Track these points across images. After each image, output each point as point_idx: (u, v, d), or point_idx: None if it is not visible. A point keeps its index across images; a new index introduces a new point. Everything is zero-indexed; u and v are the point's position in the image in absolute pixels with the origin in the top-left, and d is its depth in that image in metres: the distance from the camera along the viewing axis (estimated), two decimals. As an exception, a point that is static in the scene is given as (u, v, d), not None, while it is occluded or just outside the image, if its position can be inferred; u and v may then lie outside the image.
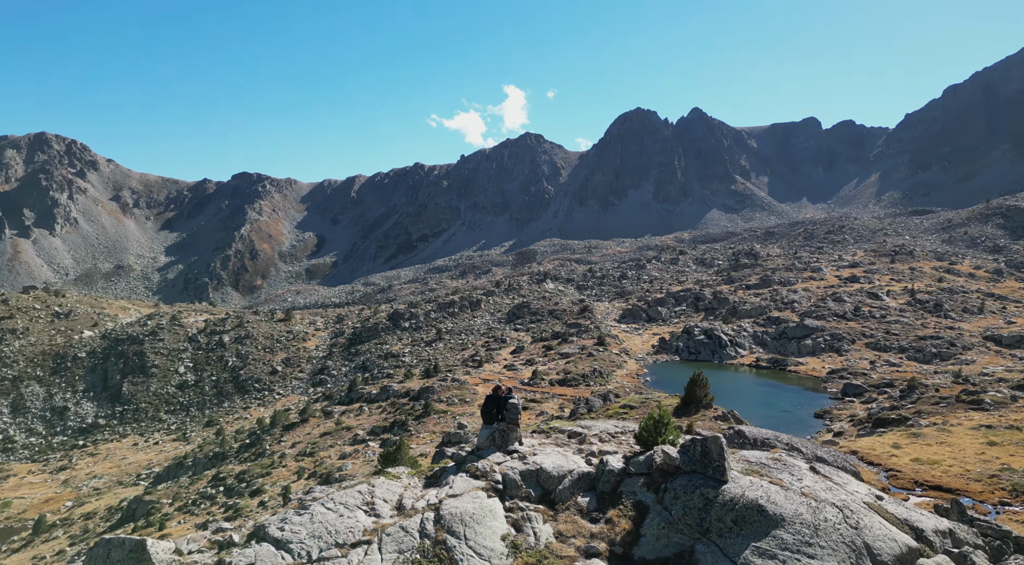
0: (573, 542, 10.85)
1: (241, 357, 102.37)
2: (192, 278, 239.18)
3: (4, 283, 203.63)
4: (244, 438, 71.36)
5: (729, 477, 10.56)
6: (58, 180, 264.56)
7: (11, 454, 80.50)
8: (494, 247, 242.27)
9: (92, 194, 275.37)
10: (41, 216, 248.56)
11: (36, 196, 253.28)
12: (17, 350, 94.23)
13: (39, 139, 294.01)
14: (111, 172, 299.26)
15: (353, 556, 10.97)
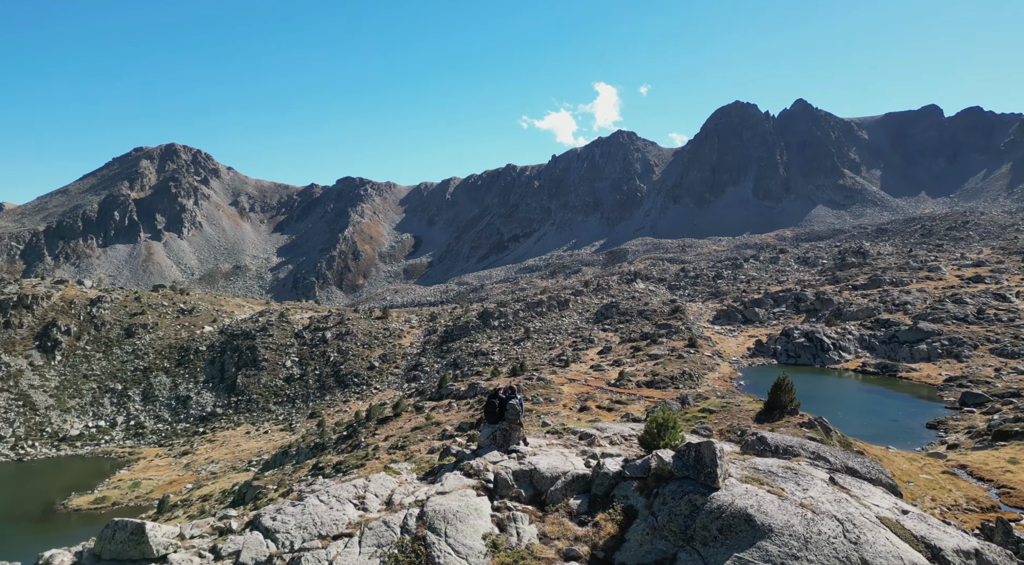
0: (555, 544, 10.73)
1: (341, 353, 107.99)
2: (300, 277, 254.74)
3: (139, 282, 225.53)
4: (342, 430, 75.34)
5: (722, 484, 10.22)
6: (185, 187, 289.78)
7: (141, 439, 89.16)
8: (584, 246, 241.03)
9: (214, 200, 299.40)
10: (171, 220, 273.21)
11: (166, 202, 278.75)
12: (148, 343, 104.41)
13: (169, 150, 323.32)
14: (230, 179, 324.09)
15: (333, 548, 11.30)
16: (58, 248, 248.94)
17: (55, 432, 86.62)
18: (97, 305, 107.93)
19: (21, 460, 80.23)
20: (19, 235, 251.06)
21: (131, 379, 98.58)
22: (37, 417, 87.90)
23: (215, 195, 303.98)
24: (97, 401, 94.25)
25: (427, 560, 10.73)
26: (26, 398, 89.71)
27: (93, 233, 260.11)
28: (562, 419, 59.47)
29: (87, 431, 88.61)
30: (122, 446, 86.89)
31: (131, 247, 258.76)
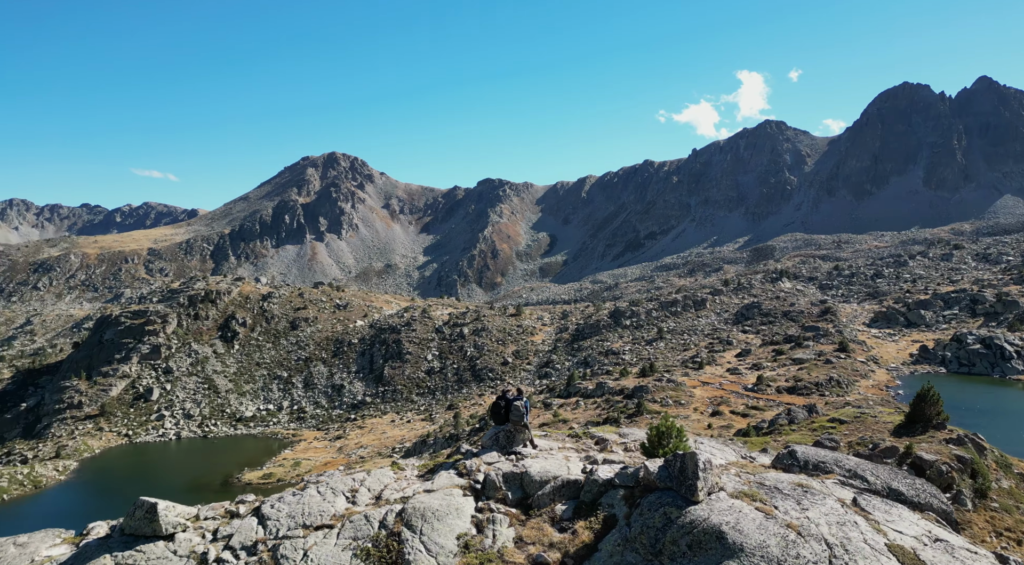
0: (529, 549, 10.61)
1: (478, 348, 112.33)
2: (444, 275, 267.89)
3: (305, 279, 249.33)
4: (475, 422, 78.62)
5: (703, 498, 9.71)
6: (344, 192, 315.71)
7: (303, 422, 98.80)
8: (726, 243, 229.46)
9: (369, 203, 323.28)
10: (332, 223, 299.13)
11: (328, 206, 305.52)
12: (308, 336, 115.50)
13: (331, 158, 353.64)
14: (383, 183, 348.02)
15: (312, 538, 11.68)
16: (240, 249, 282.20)
17: (233, 413, 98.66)
18: (268, 300, 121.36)
19: (206, 437, 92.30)
20: (209, 238, 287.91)
21: (295, 368, 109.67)
22: (219, 399, 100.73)
23: (369, 199, 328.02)
24: (267, 387, 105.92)
25: (398, 556, 10.85)
26: (211, 382, 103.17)
27: (268, 235, 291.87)
28: (691, 422, 57.87)
29: (258, 413, 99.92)
30: (286, 428, 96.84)
31: (298, 247, 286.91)
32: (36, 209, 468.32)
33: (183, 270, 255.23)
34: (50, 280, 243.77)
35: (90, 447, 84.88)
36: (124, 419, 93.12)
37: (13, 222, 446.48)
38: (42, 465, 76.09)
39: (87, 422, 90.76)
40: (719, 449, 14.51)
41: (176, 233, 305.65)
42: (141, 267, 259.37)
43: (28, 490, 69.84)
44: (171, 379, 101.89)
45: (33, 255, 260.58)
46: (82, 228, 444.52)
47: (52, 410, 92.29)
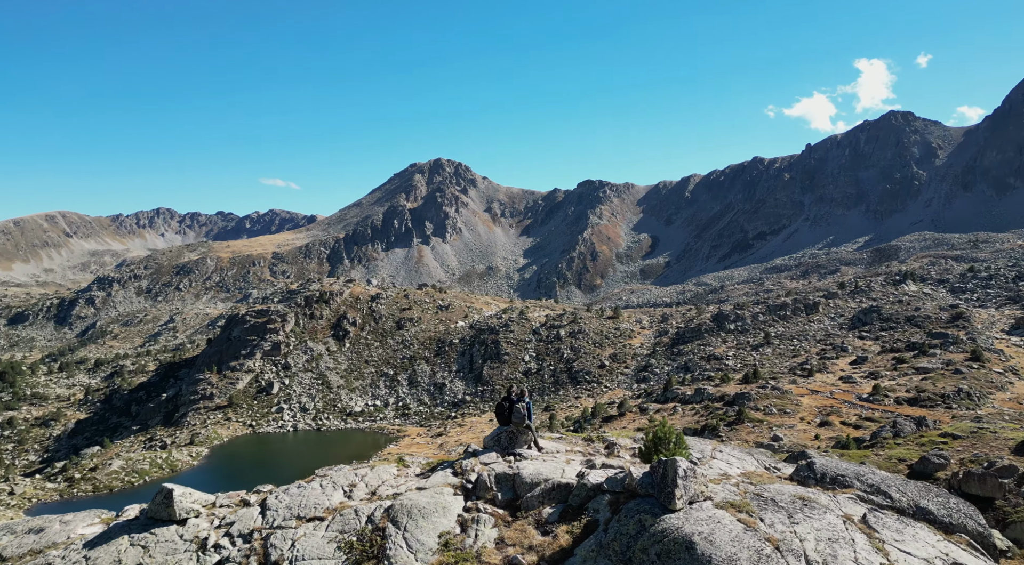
0: (507, 550, 10.57)
1: (574, 350, 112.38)
2: (543, 278, 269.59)
3: (412, 281, 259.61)
4: (570, 424, 78.83)
5: (681, 506, 9.32)
6: (448, 197, 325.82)
7: (407, 418, 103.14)
8: (844, 244, 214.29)
9: (472, 207, 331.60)
10: (436, 227, 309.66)
11: (433, 211, 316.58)
12: (413, 335, 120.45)
13: (436, 164, 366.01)
14: (485, 188, 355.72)
15: (303, 529, 11.97)
16: (353, 252, 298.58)
17: (344, 408, 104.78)
18: (376, 301, 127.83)
19: (320, 429, 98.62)
20: (326, 242, 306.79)
21: (400, 366, 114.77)
22: (331, 394, 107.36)
23: (472, 203, 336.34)
24: (375, 383, 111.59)
25: (379, 550, 10.99)
26: (324, 378, 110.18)
27: (378, 239, 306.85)
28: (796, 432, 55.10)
29: (367, 409, 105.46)
30: (392, 424, 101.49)
31: (406, 251, 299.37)
32: (179, 217, 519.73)
33: (303, 272, 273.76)
34: (190, 282, 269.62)
35: (219, 435, 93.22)
36: (248, 410, 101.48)
37: (160, 229, 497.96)
38: (178, 451, 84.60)
39: (217, 412, 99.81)
40: (738, 458, 13.94)
41: (297, 238, 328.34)
42: (266, 270, 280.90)
43: (166, 473, 77.84)
44: (289, 374, 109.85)
45: (176, 259, 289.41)
46: (217, 234, 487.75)
47: (188, 400, 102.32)
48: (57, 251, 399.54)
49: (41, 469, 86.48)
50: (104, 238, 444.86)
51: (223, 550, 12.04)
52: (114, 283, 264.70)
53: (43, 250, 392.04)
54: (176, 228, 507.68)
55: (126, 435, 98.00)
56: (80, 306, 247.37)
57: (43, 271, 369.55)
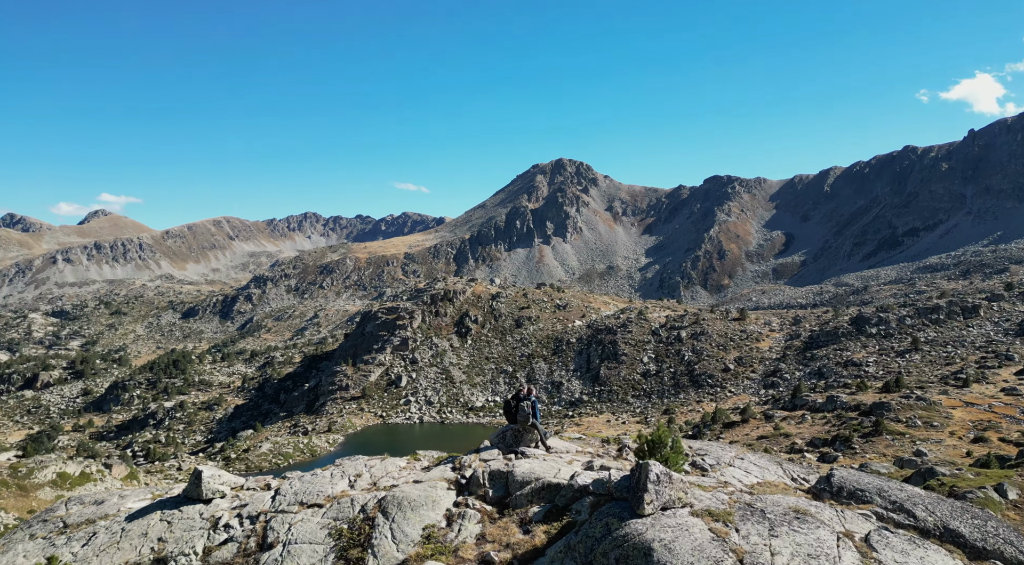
0: (484, 547, 10.57)
1: (696, 352, 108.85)
2: (666, 277, 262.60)
3: (533, 280, 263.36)
4: (689, 429, 76.69)
5: (650, 511, 8.89)
6: (569, 197, 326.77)
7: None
8: (1014, 240, 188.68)
9: (592, 206, 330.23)
10: (557, 227, 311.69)
11: (554, 211, 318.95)
12: (531, 334, 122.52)
13: (558, 164, 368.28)
14: (606, 186, 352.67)
15: (300, 515, 12.26)
16: (477, 252, 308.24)
17: (465, 402, 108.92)
18: (496, 300, 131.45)
19: (443, 423, 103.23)
20: (452, 242, 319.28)
21: (518, 363, 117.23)
22: (454, 389, 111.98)
23: (593, 202, 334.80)
24: (494, 380, 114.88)
25: (366, 539, 11.29)
26: (447, 373, 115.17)
27: (501, 239, 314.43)
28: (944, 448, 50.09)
29: (487, 404, 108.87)
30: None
31: (527, 251, 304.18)
32: (323, 220, 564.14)
33: (431, 271, 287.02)
34: (332, 280, 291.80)
35: (353, 424, 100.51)
36: (379, 402, 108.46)
37: (307, 232, 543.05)
38: (317, 437, 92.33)
39: (351, 403, 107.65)
40: (761, 467, 12.99)
41: (426, 239, 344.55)
42: (399, 269, 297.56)
43: (307, 457, 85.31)
44: (416, 369, 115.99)
45: (320, 259, 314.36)
46: (356, 236, 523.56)
47: (327, 391, 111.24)
48: (222, 252, 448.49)
49: (204, 448, 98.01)
50: (260, 240, 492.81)
51: (231, 530, 12.81)
52: (268, 282, 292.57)
53: (211, 251, 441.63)
54: (321, 231, 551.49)
55: (274, 420, 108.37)
56: (240, 302, 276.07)
57: (211, 270, 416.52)
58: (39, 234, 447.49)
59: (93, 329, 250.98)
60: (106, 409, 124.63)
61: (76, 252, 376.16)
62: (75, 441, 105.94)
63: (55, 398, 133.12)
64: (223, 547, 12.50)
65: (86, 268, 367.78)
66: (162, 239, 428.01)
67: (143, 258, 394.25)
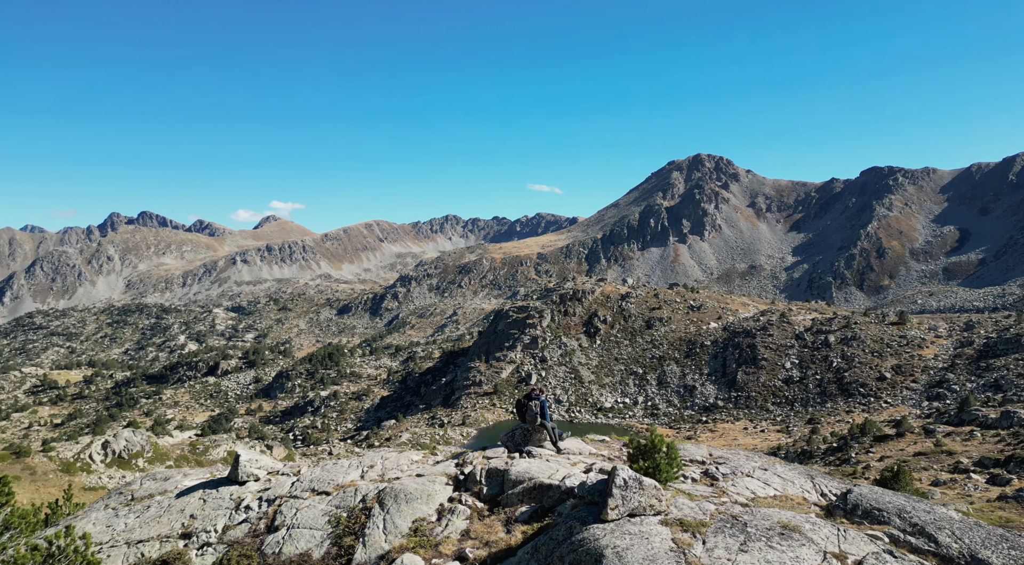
0: (466, 543, 10.45)
1: (846, 359, 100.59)
2: (816, 277, 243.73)
3: (668, 280, 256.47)
4: (834, 441, 71.22)
5: (613, 516, 8.55)
6: (707, 193, 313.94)
7: (656, 418, 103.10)
8: None
9: (733, 203, 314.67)
10: (694, 225, 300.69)
11: (691, 208, 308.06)
12: (662, 335, 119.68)
13: (695, 160, 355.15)
14: (748, 181, 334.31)
15: (308, 501, 12.54)
16: (610, 252, 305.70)
17: (594, 403, 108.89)
18: (626, 300, 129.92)
19: (572, 421, 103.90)
20: (584, 242, 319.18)
21: (649, 365, 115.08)
22: (582, 389, 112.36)
23: (734, 198, 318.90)
24: (624, 381, 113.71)
25: (360, 528, 11.56)
26: (576, 373, 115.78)
27: (634, 238, 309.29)
28: None
29: (615, 405, 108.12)
30: (640, 422, 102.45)
31: (662, 250, 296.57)
32: (463, 222, 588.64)
33: (563, 271, 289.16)
34: (469, 280, 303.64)
35: (485, 419, 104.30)
36: (510, 398, 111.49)
37: (448, 233, 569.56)
38: (452, 429, 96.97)
39: (484, 398, 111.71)
40: (784, 479, 12.01)
41: (559, 239, 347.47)
42: (532, 269, 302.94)
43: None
44: (545, 367, 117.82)
45: (458, 260, 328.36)
46: (493, 236, 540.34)
47: (462, 385, 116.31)
48: (373, 253, 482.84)
49: (352, 435, 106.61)
50: (406, 242, 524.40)
51: (249, 511, 13.46)
52: (412, 281, 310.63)
53: (363, 253, 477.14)
54: (460, 232, 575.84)
55: (414, 412, 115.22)
56: (388, 300, 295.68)
57: (363, 270, 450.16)
58: (222, 238, 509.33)
59: (264, 323, 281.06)
60: (273, 396, 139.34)
61: (251, 254, 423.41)
62: (247, 423, 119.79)
63: (232, 384, 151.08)
64: (238, 527, 13.16)
65: (259, 268, 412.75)
66: (322, 242, 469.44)
67: (306, 259, 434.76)
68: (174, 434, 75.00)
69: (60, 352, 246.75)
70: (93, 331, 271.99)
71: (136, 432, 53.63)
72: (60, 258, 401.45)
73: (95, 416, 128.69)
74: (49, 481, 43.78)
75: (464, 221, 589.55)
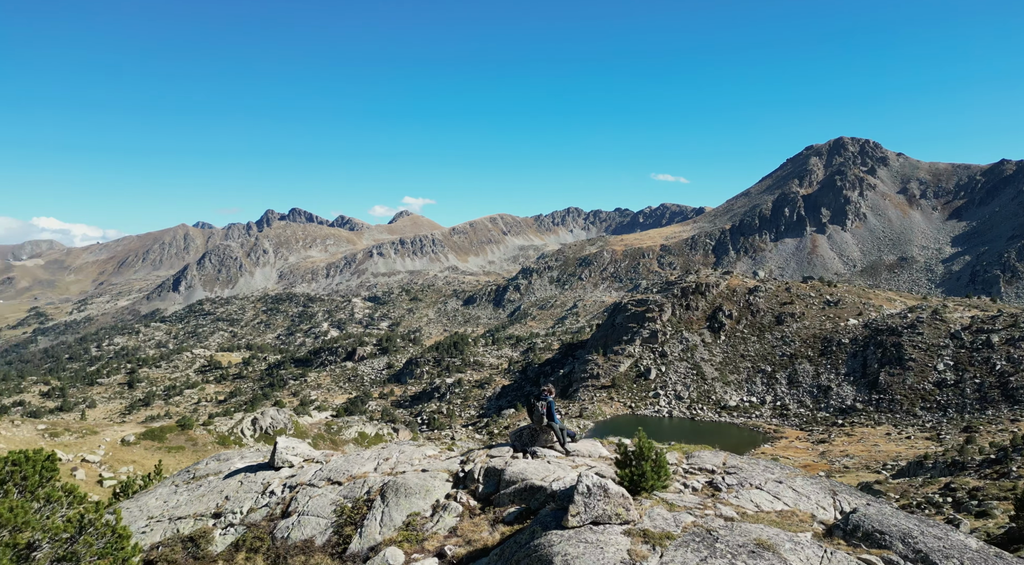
0: (451, 540, 10.46)
1: (1012, 362, 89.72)
2: (980, 270, 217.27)
3: (804, 273, 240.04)
4: (991, 452, 64.01)
5: (574, 523, 8.31)
6: (850, 179, 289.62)
7: (785, 419, 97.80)
8: None
9: (880, 189, 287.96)
10: (835, 213, 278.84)
11: (831, 196, 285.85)
12: (794, 331, 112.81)
13: (837, 144, 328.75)
14: (899, 165, 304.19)
15: (323, 489, 12.74)
16: (739, 243, 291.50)
17: (717, 400, 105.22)
18: (753, 294, 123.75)
19: (693, 419, 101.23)
20: (711, 233, 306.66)
21: (778, 363, 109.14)
22: (705, 386, 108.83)
23: (881, 184, 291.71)
24: (750, 379, 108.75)
25: (360, 519, 11.75)
26: (698, 369, 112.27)
27: (767, 229, 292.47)
28: None
29: (741, 404, 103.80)
30: (768, 423, 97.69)
31: (797, 241, 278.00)
32: (584, 214, 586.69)
33: (688, 264, 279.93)
34: (589, 272, 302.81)
35: (603, 412, 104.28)
36: (628, 392, 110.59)
37: (569, 226, 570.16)
38: (569, 421, 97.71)
39: (602, 391, 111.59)
40: (800, 494, 11.02)
41: (683, 230, 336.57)
42: (654, 261, 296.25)
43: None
44: (665, 362, 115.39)
45: (579, 252, 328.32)
46: (615, 228, 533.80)
47: (579, 378, 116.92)
48: (496, 246, 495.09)
49: (475, 422, 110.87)
50: (528, 235, 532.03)
51: (272, 496, 13.94)
52: (533, 273, 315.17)
53: (487, 246, 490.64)
54: (582, 225, 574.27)
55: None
56: (510, 291, 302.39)
57: (487, 262, 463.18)
58: (360, 232, 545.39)
59: (397, 312, 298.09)
60: (403, 381, 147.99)
61: (386, 247, 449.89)
62: (380, 407, 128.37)
63: (367, 369, 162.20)
64: (258, 511, 13.63)
65: (393, 261, 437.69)
66: (449, 235, 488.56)
67: (435, 252, 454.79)
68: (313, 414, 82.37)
69: (224, 336, 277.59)
70: (251, 317, 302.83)
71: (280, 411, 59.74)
72: (225, 251, 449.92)
73: (251, 395, 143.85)
74: (207, 451, 50.25)
75: (586, 213, 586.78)
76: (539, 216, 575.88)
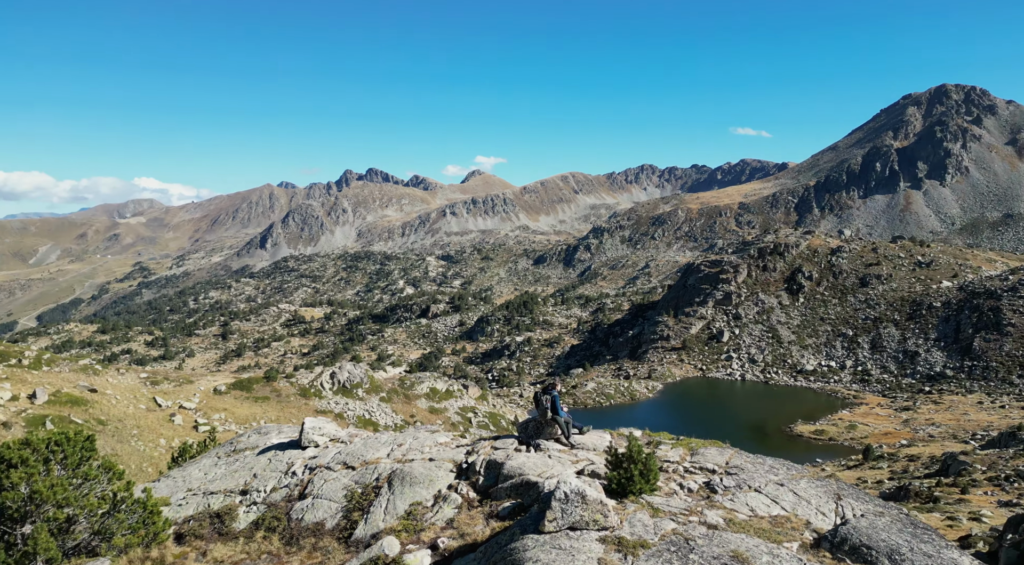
0: (446, 532, 10.60)
1: None
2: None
3: (895, 231, 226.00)
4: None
5: (550, 528, 8.34)
6: (952, 130, 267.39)
7: (866, 385, 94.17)
8: None
9: (986, 140, 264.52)
10: (933, 168, 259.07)
11: (930, 148, 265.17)
12: (880, 294, 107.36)
13: (938, 92, 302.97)
14: (1009, 114, 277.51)
15: (338, 473, 12.97)
16: (824, 200, 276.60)
17: (793, 364, 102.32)
18: (836, 254, 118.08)
19: (767, 383, 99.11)
20: (794, 190, 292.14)
21: (861, 327, 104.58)
22: (781, 349, 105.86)
23: (987, 135, 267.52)
24: (830, 343, 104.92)
25: (367, 505, 11.95)
26: (774, 331, 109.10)
27: (855, 185, 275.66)
28: None
29: (819, 368, 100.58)
30: (848, 388, 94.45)
31: (889, 197, 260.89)
32: (658, 172, 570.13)
33: (768, 222, 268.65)
34: (663, 231, 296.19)
35: (672, 374, 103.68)
36: (699, 354, 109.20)
37: (643, 184, 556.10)
38: (637, 382, 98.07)
39: (671, 353, 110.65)
40: (802, 498, 10.67)
41: (764, 187, 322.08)
42: (732, 220, 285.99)
43: (626, 400, 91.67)
44: (739, 324, 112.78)
45: (652, 211, 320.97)
46: (691, 186, 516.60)
47: (649, 339, 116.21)
48: (568, 205, 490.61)
49: (542, 381, 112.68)
50: (600, 193, 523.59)
51: (293, 477, 14.12)
52: (604, 232, 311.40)
53: (558, 205, 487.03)
54: (656, 182, 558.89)
55: (601, 363, 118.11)
56: (580, 251, 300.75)
57: (558, 222, 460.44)
58: (434, 192, 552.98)
59: (469, 271, 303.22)
60: (474, 338, 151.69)
61: (459, 207, 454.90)
62: (452, 363, 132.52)
63: (440, 326, 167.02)
64: (279, 490, 13.84)
65: (465, 220, 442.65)
66: (520, 194, 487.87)
67: (506, 211, 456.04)
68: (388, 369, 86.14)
69: (307, 291, 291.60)
70: (332, 274, 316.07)
71: (357, 366, 62.98)
72: (307, 210, 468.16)
73: (332, 349, 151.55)
74: (291, 403, 53.92)
75: (660, 170, 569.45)
76: (611, 174, 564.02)
